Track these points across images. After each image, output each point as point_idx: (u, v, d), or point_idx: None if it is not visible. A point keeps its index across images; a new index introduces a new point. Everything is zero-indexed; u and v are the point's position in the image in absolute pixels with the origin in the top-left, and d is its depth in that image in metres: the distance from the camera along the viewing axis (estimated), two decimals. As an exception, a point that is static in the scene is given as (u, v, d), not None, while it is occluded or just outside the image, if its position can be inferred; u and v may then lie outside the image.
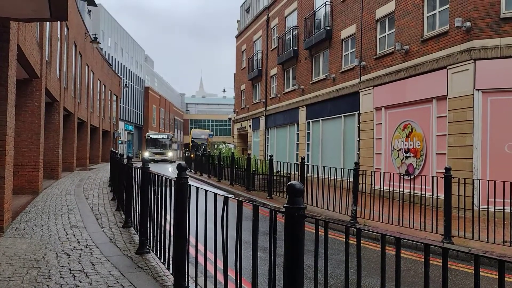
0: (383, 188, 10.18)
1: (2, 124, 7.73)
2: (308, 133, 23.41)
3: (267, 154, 27.88)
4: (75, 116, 23.71)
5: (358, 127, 18.20)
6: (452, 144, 12.54)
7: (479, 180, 9.99)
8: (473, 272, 2.01)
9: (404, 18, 15.13)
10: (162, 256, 5.20)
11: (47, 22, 14.53)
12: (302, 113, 23.99)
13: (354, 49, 18.94)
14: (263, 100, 30.75)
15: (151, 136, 49.61)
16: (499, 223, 8.45)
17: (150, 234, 5.90)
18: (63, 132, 20.06)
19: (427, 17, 14.19)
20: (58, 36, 18.57)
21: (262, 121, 31.07)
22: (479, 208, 9.75)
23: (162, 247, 5.16)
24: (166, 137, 50.15)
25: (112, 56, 56.41)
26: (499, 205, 8.22)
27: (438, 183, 8.86)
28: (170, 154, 48.67)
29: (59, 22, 17.53)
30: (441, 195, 8.53)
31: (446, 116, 12.90)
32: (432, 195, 9.02)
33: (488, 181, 8.53)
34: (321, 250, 2.72)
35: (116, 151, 14.19)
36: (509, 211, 7.89)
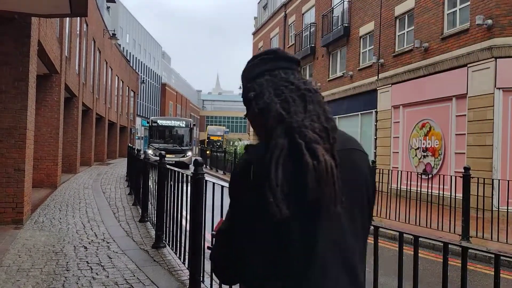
0: (400, 187, 10.08)
1: (22, 119, 7.87)
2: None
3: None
4: (93, 112, 23.99)
5: (375, 125, 18.02)
6: (471, 143, 12.34)
7: (499, 180, 9.80)
8: (493, 272, 1.98)
9: (424, 15, 14.91)
10: (178, 250, 5.23)
11: (67, 18, 14.72)
12: (319, 110, 23.82)
13: (372, 47, 18.75)
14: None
15: (158, 122, 27.86)
16: (519, 224, 8.30)
17: (166, 228, 5.94)
18: (81, 127, 20.32)
19: (447, 14, 13.96)
20: (78, 32, 18.80)
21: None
22: (498, 208, 9.57)
23: (178, 242, 5.20)
24: (183, 125, 28.23)
25: (130, 53, 56.95)
26: (519, 206, 8.06)
27: (457, 183, 8.73)
28: (189, 153, 26.51)
29: (78, 18, 17.74)
30: (459, 195, 8.40)
31: (465, 115, 12.69)
32: (450, 195, 8.89)
33: (508, 181, 8.38)
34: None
35: (133, 147, 14.34)
36: (530, 212, 7.74)
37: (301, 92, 1.33)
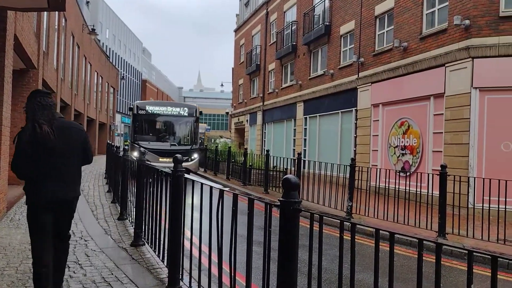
0: (379, 185, 10.21)
1: (-2, 114, 7.68)
2: (305, 129, 23.41)
3: (264, 149, 27.88)
4: (72, 108, 23.61)
5: (355, 123, 18.20)
6: (448, 141, 12.57)
7: (475, 178, 10.01)
8: (469, 269, 2.02)
9: (403, 15, 15.11)
10: (157, 248, 5.20)
11: (45, 12, 14.43)
12: (300, 108, 23.98)
13: (353, 45, 18.91)
14: (261, 95, 30.70)
15: (148, 109, 18.76)
16: (493, 221, 8.48)
17: (145, 226, 5.90)
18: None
19: (426, 14, 14.17)
20: (56, 26, 18.45)
21: (259, 116, 31.04)
22: (474, 206, 9.77)
23: (157, 240, 5.16)
24: (185, 112, 19.16)
25: (109, 48, 56.21)
26: (494, 203, 8.26)
27: (434, 181, 8.89)
28: (195, 155, 18.79)
29: (57, 12, 17.41)
30: (436, 192, 8.56)
31: (443, 114, 12.92)
32: (428, 192, 9.05)
33: (484, 179, 8.56)
34: (316, 245, 2.73)
35: (112, 144, 14.18)
36: (504, 209, 7.92)
37: (42, 105, 3.81)
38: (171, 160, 15.33)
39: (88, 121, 31.05)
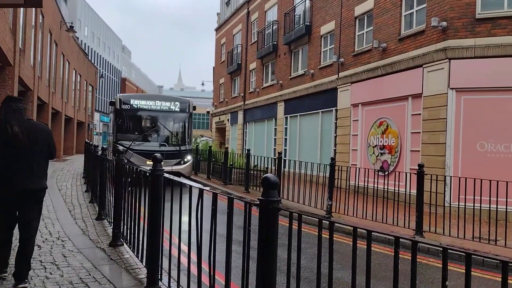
0: (358, 184, 10.32)
1: (-29, 112, 7.50)
2: (286, 128, 23.49)
3: (245, 148, 27.88)
4: (49, 106, 23.21)
5: (335, 123, 18.35)
6: (425, 141, 12.77)
7: (451, 177, 10.21)
8: (444, 266, 2.05)
9: (383, 16, 15.29)
10: (135, 248, 5.15)
11: (21, 9, 14.14)
12: (281, 108, 24.05)
13: (333, 46, 19.05)
14: (242, 94, 30.68)
15: (132, 104, 16.14)
16: (469, 219, 8.68)
17: (124, 226, 5.84)
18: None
19: (404, 15, 14.37)
20: (33, 23, 18.10)
21: (240, 115, 31.02)
22: (450, 204, 9.98)
23: (136, 240, 5.11)
24: (177, 107, 16.86)
25: (88, 46, 55.42)
26: (469, 202, 8.44)
27: (411, 180, 9.03)
28: (188, 157, 16.62)
29: (33, 9, 17.08)
30: (414, 191, 8.69)
31: (420, 114, 13.12)
32: (405, 191, 9.19)
33: (460, 178, 8.74)
34: (295, 244, 2.74)
35: (91, 143, 13.99)
36: (479, 208, 8.10)
37: (14, 109, 4.44)
38: (162, 162, 13.75)
39: (66, 119, 30.55)
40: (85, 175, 14.04)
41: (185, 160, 16.10)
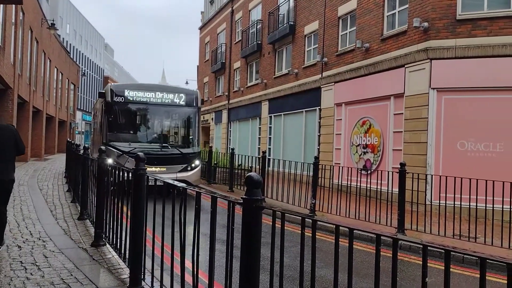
0: (342, 183, 10.40)
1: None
2: (270, 127, 23.54)
3: (229, 147, 27.84)
4: (30, 105, 22.83)
5: (319, 122, 18.45)
6: (407, 140, 12.93)
7: (432, 175, 10.36)
8: (424, 262, 2.09)
9: (365, 16, 15.42)
10: (118, 248, 5.11)
11: (1, 5, 13.88)
12: (265, 107, 24.08)
13: (317, 45, 19.15)
14: (226, 94, 30.63)
15: (127, 96, 13.00)
16: (450, 217, 8.82)
17: (106, 226, 5.78)
18: (17, 120, 19.29)
19: (387, 16, 14.52)
20: (13, 20, 17.79)
21: (224, 114, 30.97)
22: (431, 202, 10.12)
23: (118, 239, 5.07)
24: (182, 101, 13.63)
25: (70, 44, 54.70)
26: (450, 200, 8.57)
27: (394, 178, 9.14)
28: (196, 162, 13.54)
29: (14, 6, 16.79)
30: (396, 189, 8.80)
31: (402, 113, 13.28)
32: (388, 189, 9.29)
33: (440, 176, 8.87)
34: (279, 242, 2.75)
35: (73, 142, 13.81)
36: (459, 206, 8.23)
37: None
38: (164, 169, 11.19)
39: (47, 118, 30.10)
40: (67, 174, 13.86)
41: (193, 165, 13.20)
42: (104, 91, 13.21)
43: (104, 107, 13.08)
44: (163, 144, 13.15)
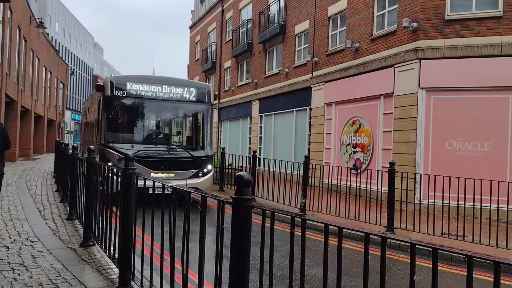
0: (332, 182, 10.44)
1: None
2: (261, 127, 23.55)
3: (220, 146, 27.79)
4: (18, 104, 22.60)
5: (309, 121, 18.50)
6: (397, 140, 13.02)
7: (421, 174, 10.43)
8: (417, 262, 2.11)
9: (355, 16, 15.49)
10: (107, 248, 5.08)
11: (-12, 3, 13.72)
12: (255, 106, 24.08)
13: (307, 45, 19.20)
14: (217, 93, 30.48)
15: (129, 89, 11.20)
16: (438, 216, 8.89)
17: (95, 226, 5.74)
18: (4, 119, 19.07)
19: (376, 16, 14.60)
20: (0, 19, 17.59)
21: (215, 114, 30.90)
22: (420, 201, 10.19)
23: (108, 240, 5.04)
24: (192, 96, 11.87)
25: (59, 42, 54.23)
26: (438, 199, 8.65)
27: (383, 177, 9.19)
28: (209, 167, 11.72)
29: (1, 4, 16.60)
30: (385, 189, 8.86)
31: (392, 113, 13.36)
32: (377, 188, 9.35)
33: (429, 175, 8.94)
34: (269, 242, 2.76)
35: (62, 141, 13.70)
36: (448, 204, 8.31)
37: None
38: (172, 175, 10.00)
39: (36, 117, 29.80)
40: (56, 174, 13.75)
41: (205, 170, 11.52)
42: (102, 84, 11.43)
43: (102, 103, 11.37)
44: (171, 146, 11.58)
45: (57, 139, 16.80)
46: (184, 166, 11.06)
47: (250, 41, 24.96)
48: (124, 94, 11.11)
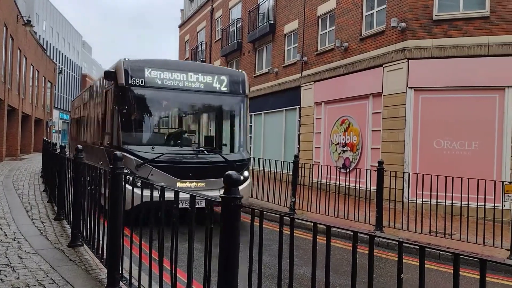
0: (321, 181, 10.47)
1: None
2: (251, 126, 23.52)
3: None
4: (5, 103, 22.32)
5: (299, 121, 18.53)
6: (385, 139, 13.11)
7: (409, 173, 10.51)
8: (406, 260, 2.12)
9: (344, 16, 15.55)
10: (95, 248, 5.04)
11: (-26, 1, 13.53)
12: (245, 106, 24.03)
13: (297, 44, 19.23)
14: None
15: (152, 78, 8.89)
16: (426, 214, 8.96)
17: (84, 226, 5.70)
18: (-10, 119, 18.83)
19: (365, 16, 14.68)
20: (-14, 16, 17.35)
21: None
22: (408, 200, 10.27)
23: (96, 240, 5.01)
24: (224, 86, 9.63)
25: (47, 41, 53.69)
26: (426, 198, 8.73)
27: (372, 176, 9.25)
28: (245, 173, 9.47)
29: (-13, 1, 16.37)
30: (374, 187, 8.91)
31: (381, 112, 13.45)
32: (366, 187, 9.40)
33: (417, 174, 9.01)
34: (258, 241, 2.76)
35: (49, 141, 13.57)
36: (436, 203, 8.38)
37: None
38: (203, 184, 7.94)
39: (23, 117, 29.46)
40: (43, 174, 13.61)
41: (241, 178, 8.94)
42: (114, 70, 9.04)
43: (114, 94, 9.08)
44: (200, 149, 9.65)
45: (45, 138, 16.61)
46: (216, 173, 8.37)
47: (239, 41, 24.94)
48: (141, 83, 8.82)
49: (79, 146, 6.14)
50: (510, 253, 6.97)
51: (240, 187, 8.20)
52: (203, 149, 9.64)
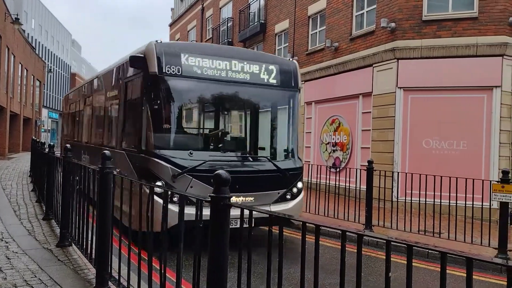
0: (311, 180, 10.50)
1: None
2: (241, 126, 23.51)
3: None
4: (-8, 102, 22.09)
5: (289, 120, 18.52)
6: (375, 138, 13.18)
7: (398, 173, 10.59)
8: (396, 259, 2.14)
9: (335, 16, 15.60)
10: (84, 248, 5.01)
11: (-40, -2, 13.36)
12: (235, 105, 24.01)
13: (287, 44, 19.25)
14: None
15: (190, 66, 7.00)
16: (415, 213, 9.04)
17: (72, 226, 5.66)
18: (-22, 118, 18.62)
19: (355, 16, 14.74)
20: (-27, 14, 17.14)
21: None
22: (397, 199, 10.35)
23: (85, 240, 4.98)
24: (273, 77, 7.80)
25: (35, 39, 53.17)
26: (415, 197, 8.80)
27: (362, 176, 9.30)
28: (299, 185, 7.66)
29: (-26, -2, 16.17)
30: (364, 187, 8.96)
31: (370, 112, 13.52)
32: (356, 187, 9.45)
33: (406, 174, 9.08)
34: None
35: (38, 140, 13.46)
36: (424, 202, 8.45)
37: None
38: (251, 198, 6.93)
39: (11, 116, 29.16)
40: (32, 173, 13.49)
41: (294, 190, 7.73)
42: (143, 55, 7.15)
43: (143, 85, 7.24)
44: (246, 155, 8.07)
45: (34, 137, 16.46)
46: (267, 185, 7.36)
47: (230, 40, 24.90)
48: (178, 71, 7.00)
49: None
50: (498, 252, 7.05)
51: (294, 202, 7.65)
52: (251, 155, 8.09)
